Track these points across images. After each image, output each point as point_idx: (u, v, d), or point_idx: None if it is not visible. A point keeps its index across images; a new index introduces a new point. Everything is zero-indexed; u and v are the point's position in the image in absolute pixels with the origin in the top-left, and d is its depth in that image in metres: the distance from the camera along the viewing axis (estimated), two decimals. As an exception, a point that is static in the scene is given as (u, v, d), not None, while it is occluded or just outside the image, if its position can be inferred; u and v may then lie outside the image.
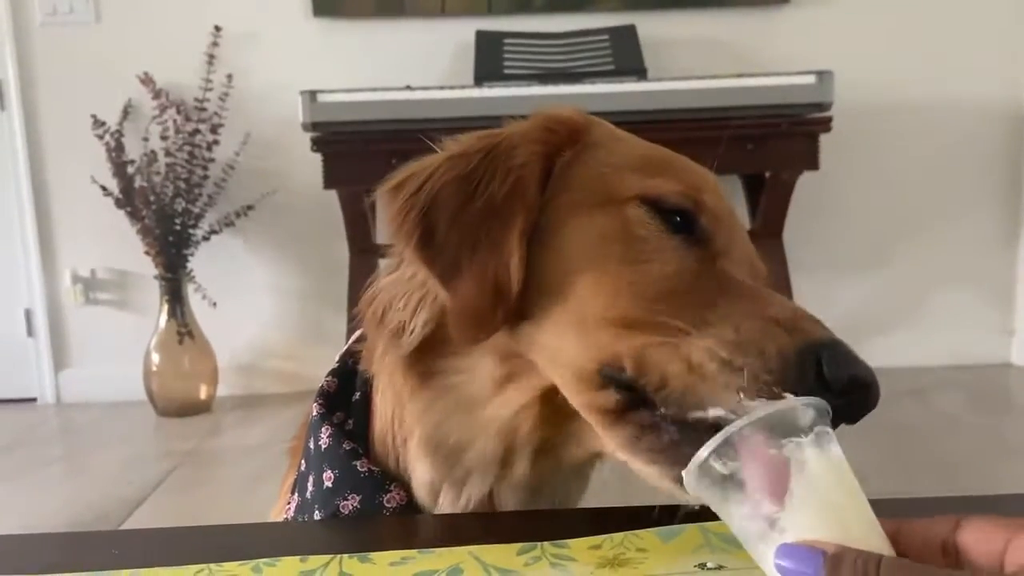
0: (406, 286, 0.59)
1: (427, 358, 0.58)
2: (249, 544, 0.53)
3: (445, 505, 0.60)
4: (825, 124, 2.48)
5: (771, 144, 2.50)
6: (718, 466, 0.41)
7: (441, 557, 0.51)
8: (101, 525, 1.92)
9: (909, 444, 2.32)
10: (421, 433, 0.59)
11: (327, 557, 0.51)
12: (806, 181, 2.63)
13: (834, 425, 0.44)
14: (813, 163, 2.53)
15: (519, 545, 0.53)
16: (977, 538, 0.39)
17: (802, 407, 0.42)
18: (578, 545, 0.53)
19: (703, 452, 0.41)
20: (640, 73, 2.71)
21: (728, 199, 0.60)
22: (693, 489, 0.42)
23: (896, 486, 2.01)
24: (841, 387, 0.45)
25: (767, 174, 2.64)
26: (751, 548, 0.41)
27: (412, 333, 0.58)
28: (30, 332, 3.13)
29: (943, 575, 0.38)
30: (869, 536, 0.39)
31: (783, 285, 2.66)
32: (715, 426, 0.44)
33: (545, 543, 0.53)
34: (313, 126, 2.45)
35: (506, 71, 2.76)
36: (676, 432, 0.48)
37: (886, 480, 2.05)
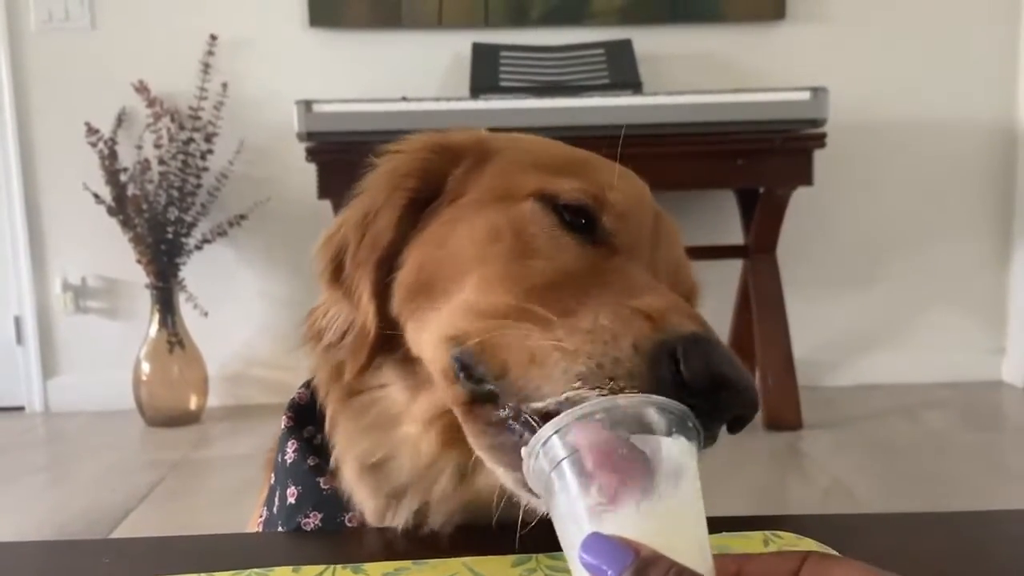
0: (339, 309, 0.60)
1: (352, 378, 0.58)
2: (241, 553, 0.53)
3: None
4: (819, 140, 2.49)
5: (765, 159, 2.51)
6: (558, 448, 0.38)
7: (435, 569, 0.51)
8: (88, 535, 1.90)
9: (899, 461, 2.32)
10: (353, 458, 0.58)
11: (320, 567, 0.51)
12: (800, 197, 2.64)
13: (709, 430, 0.42)
14: (807, 179, 2.53)
15: (514, 557, 0.52)
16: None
17: (663, 407, 0.39)
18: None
19: (545, 431, 0.39)
20: (635, 87, 2.72)
21: (683, 218, 0.59)
22: (528, 472, 0.40)
23: (885, 503, 2.01)
24: (701, 386, 0.41)
25: (761, 189, 2.64)
26: (568, 547, 0.38)
27: (340, 346, 0.58)
28: (19, 339, 3.11)
29: None
30: (692, 554, 0.36)
31: (776, 300, 2.66)
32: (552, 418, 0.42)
33: (540, 555, 0.52)
34: (308, 136, 2.44)
35: (502, 83, 2.77)
36: (520, 431, 0.45)
37: (875, 497, 2.05)
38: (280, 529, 0.61)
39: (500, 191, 0.56)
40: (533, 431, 0.41)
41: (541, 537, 0.54)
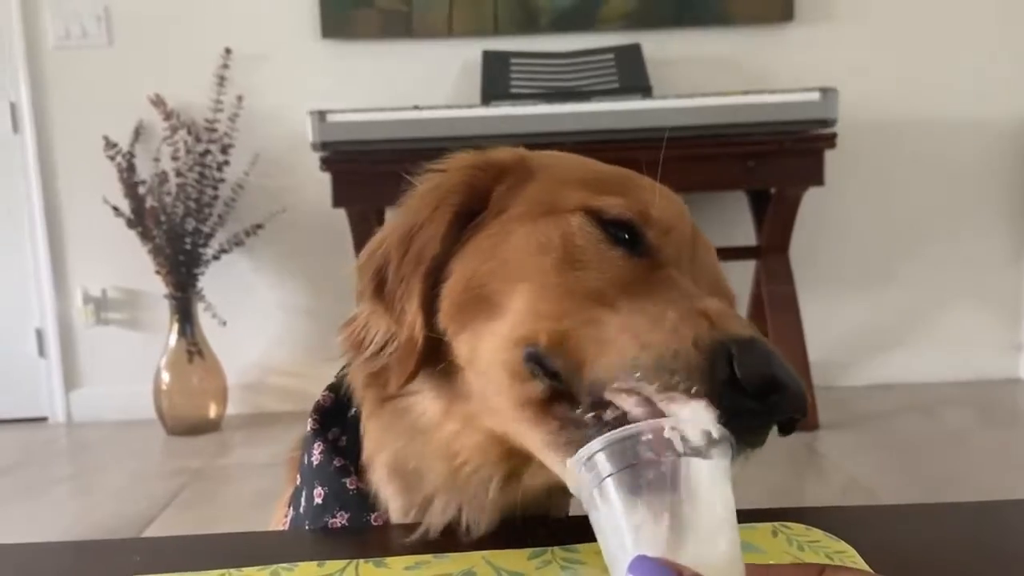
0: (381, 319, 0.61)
1: (398, 387, 0.59)
2: (267, 550, 0.55)
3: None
4: (830, 140, 2.49)
5: (776, 160, 2.51)
6: (604, 463, 0.40)
7: (455, 562, 0.53)
8: (112, 542, 1.92)
9: (916, 460, 2.31)
10: (383, 459, 0.59)
11: (343, 562, 0.53)
12: (811, 197, 2.64)
13: (760, 433, 0.43)
14: (818, 179, 2.54)
15: (530, 550, 0.54)
16: None
17: (706, 427, 0.40)
18: (588, 549, 0.54)
19: (592, 446, 0.40)
20: (645, 91, 2.73)
21: (695, 221, 0.60)
22: (576, 478, 0.42)
23: (903, 501, 2.00)
24: (754, 386, 0.43)
25: (772, 190, 2.65)
26: (611, 559, 0.40)
27: (380, 356, 0.60)
28: (41, 352, 3.15)
29: None
30: (729, 573, 0.38)
31: (789, 301, 2.66)
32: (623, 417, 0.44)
33: (556, 547, 0.54)
34: (322, 146, 2.47)
35: (513, 90, 2.79)
36: (595, 430, 0.46)
37: (893, 496, 2.05)
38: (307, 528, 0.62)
39: (546, 206, 0.57)
40: (610, 427, 0.43)
41: (556, 531, 0.55)
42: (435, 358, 0.57)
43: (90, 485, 2.46)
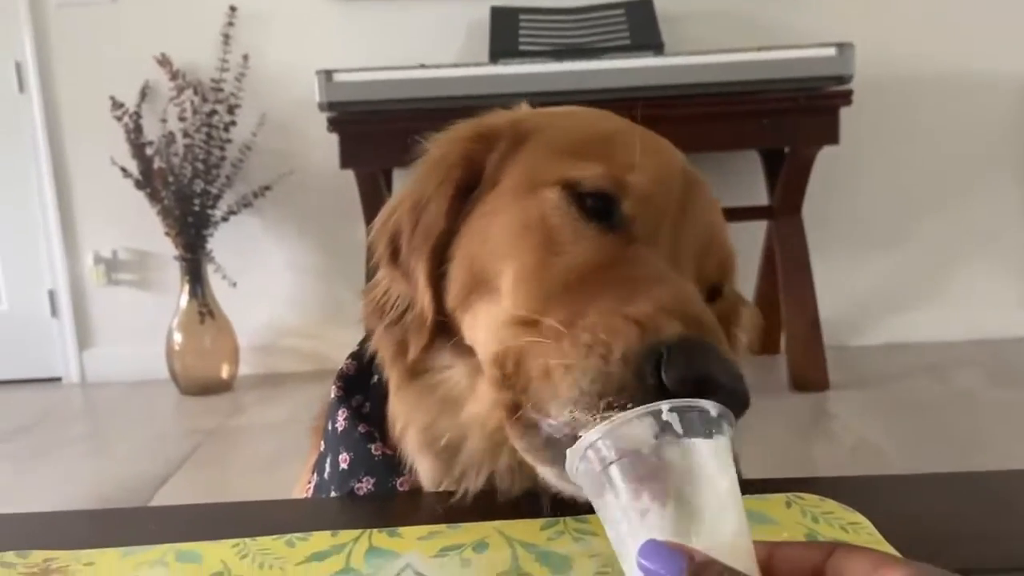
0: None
1: (416, 356, 0.60)
2: (282, 519, 0.55)
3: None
4: (846, 98, 2.45)
5: (790, 118, 2.48)
6: (605, 451, 0.39)
7: (468, 532, 0.53)
8: (128, 502, 1.95)
9: (927, 420, 2.31)
10: (415, 431, 0.60)
11: (357, 532, 0.53)
12: (826, 156, 2.61)
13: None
14: (833, 138, 2.50)
15: (543, 520, 0.54)
16: (844, 568, 0.38)
17: (703, 408, 0.40)
18: (600, 520, 0.54)
19: (592, 435, 0.40)
20: (657, 48, 2.68)
21: (701, 176, 0.59)
22: (573, 471, 0.41)
23: (913, 463, 2.01)
24: (685, 391, 0.42)
25: (786, 149, 2.62)
26: (619, 544, 0.39)
27: (402, 323, 0.60)
28: (54, 312, 3.17)
29: None
30: (739, 553, 0.37)
31: (802, 261, 2.64)
32: (572, 435, 0.44)
33: (568, 518, 0.54)
34: (329, 106, 2.45)
35: (521, 48, 2.75)
36: (553, 431, 0.47)
37: (903, 457, 2.05)
38: (333, 494, 0.63)
39: (529, 181, 0.56)
40: (567, 431, 0.44)
41: (569, 502, 0.55)
42: (452, 332, 0.58)
43: (105, 445, 2.49)
